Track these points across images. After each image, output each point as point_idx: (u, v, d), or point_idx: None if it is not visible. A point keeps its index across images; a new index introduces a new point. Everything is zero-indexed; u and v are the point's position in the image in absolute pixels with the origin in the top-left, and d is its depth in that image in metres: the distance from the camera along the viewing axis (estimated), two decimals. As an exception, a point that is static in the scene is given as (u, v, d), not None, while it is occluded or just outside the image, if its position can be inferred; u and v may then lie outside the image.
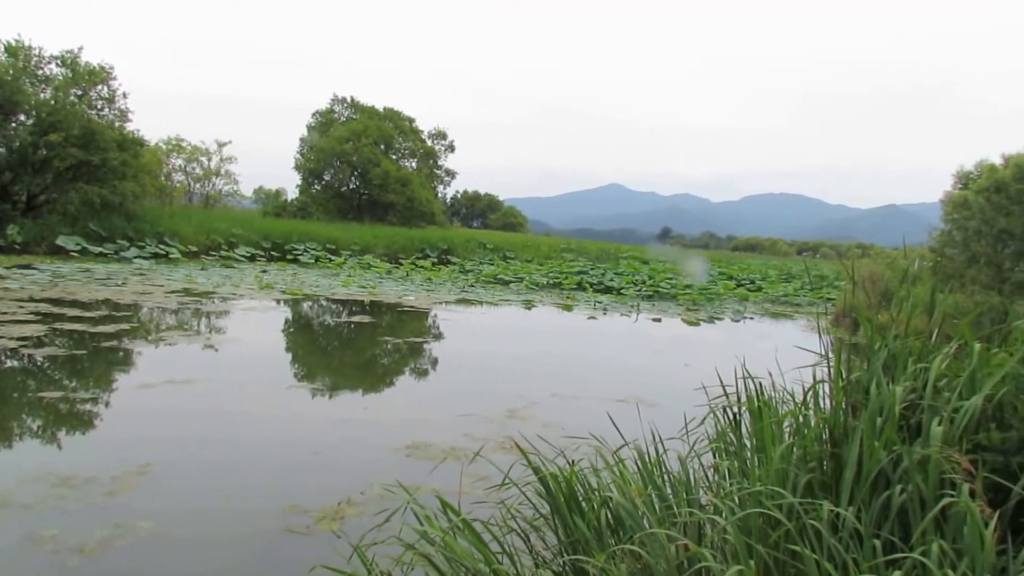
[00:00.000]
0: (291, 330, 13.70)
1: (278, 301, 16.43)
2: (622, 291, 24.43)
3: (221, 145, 43.77)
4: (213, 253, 26.78)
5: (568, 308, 19.23)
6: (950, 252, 17.07)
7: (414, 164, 50.29)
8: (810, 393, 3.22)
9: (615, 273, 29.70)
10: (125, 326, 11.57)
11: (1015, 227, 15.66)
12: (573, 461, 3.31)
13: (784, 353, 3.88)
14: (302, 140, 48.14)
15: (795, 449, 2.95)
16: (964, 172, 18.43)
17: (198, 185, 44.07)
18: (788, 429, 3.26)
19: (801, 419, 3.20)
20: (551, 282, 25.88)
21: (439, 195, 53.07)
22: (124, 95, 26.62)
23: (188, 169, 43.35)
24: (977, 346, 2.99)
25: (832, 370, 3.10)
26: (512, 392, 8.83)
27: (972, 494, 2.34)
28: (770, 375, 3.68)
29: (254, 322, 13.64)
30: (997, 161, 17.06)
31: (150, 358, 9.66)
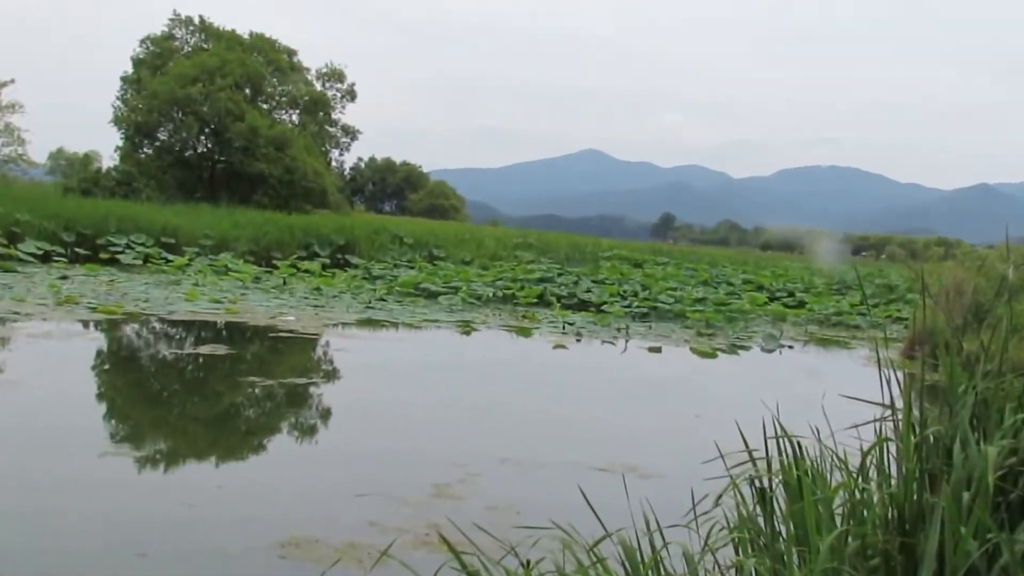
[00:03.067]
0: (106, 367, 13.47)
1: (86, 324, 16.13)
2: (604, 307, 24.52)
3: (-1, 86, 43.05)
4: (-14, 250, 26.23)
5: (525, 332, 19.27)
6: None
7: (296, 118, 49.94)
8: (871, 458, 3.28)
9: (594, 281, 29.82)
10: None
11: None
12: (529, 562, 3.32)
13: (836, 400, 3.95)
14: (124, 81, 47.44)
15: (850, 539, 3.01)
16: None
17: (-37, 147, 43.26)
18: (841, 510, 3.32)
19: (859, 495, 3.26)
20: (500, 294, 25.88)
21: (333, 164, 52.76)
22: None
23: (-51, 123, 42.53)
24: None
25: (902, 424, 3.17)
26: (441, 459, 8.80)
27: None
28: (816, 431, 3.74)
29: (49, 355, 13.38)
30: None
31: None
